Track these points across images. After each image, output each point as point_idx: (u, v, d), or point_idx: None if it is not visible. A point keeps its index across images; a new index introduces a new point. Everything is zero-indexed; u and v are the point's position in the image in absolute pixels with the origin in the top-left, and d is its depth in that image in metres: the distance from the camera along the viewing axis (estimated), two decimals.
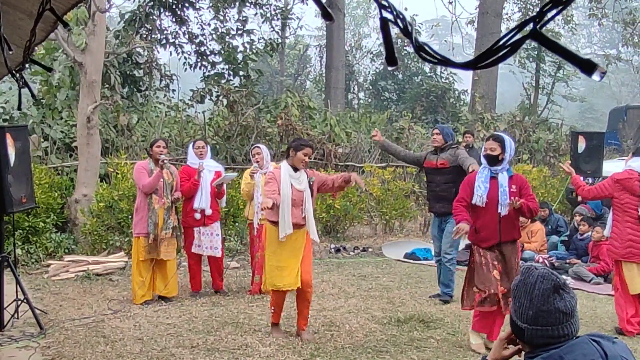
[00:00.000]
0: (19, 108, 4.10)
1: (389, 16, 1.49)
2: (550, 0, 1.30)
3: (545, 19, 1.34)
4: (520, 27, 1.38)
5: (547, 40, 1.35)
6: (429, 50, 1.47)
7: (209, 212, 8.86)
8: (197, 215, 8.84)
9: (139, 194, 8.54)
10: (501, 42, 1.40)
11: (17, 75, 3.03)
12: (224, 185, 9.15)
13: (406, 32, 1.47)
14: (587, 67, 1.32)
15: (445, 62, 1.51)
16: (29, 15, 3.09)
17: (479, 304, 6.64)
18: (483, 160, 6.93)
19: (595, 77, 1.35)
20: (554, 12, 1.33)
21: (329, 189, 7.37)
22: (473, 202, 6.78)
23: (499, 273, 6.64)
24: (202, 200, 8.82)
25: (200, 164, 8.83)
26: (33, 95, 3.90)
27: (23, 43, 3.47)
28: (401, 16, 1.49)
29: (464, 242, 10.97)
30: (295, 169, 7.07)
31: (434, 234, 9.13)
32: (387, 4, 1.46)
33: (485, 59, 1.41)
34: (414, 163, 9.56)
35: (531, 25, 1.38)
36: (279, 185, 6.94)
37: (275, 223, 6.95)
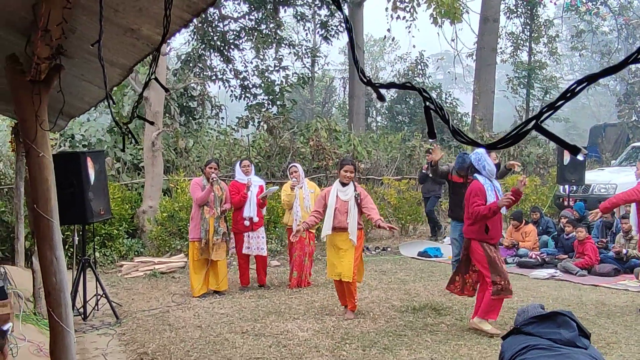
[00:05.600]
0: (123, 150, 4.23)
1: (431, 105, 1.67)
2: (546, 105, 1.50)
3: (543, 117, 1.51)
4: (526, 123, 1.55)
5: (545, 131, 1.52)
6: (462, 134, 1.68)
7: (256, 219, 8.97)
8: (247, 223, 8.94)
9: (194, 205, 8.64)
10: (513, 132, 1.59)
11: (124, 126, 3.11)
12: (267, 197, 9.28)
13: (444, 119, 1.64)
14: (574, 150, 1.51)
15: (473, 142, 1.74)
16: (110, 62, 3.18)
17: (495, 293, 6.50)
18: (494, 169, 6.83)
19: (580, 157, 1.58)
20: (549, 112, 1.51)
21: (368, 217, 7.56)
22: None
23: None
24: (251, 210, 8.93)
25: (248, 180, 8.94)
26: (137, 141, 4.00)
27: (102, 84, 3.57)
28: (440, 106, 1.67)
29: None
30: (343, 184, 7.43)
31: (454, 237, 8.74)
32: (428, 96, 1.63)
33: (500, 143, 1.61)
34: (442, 177, 9.21)
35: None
36: (326, 202, 7.44)
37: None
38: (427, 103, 1.64)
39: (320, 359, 5.84)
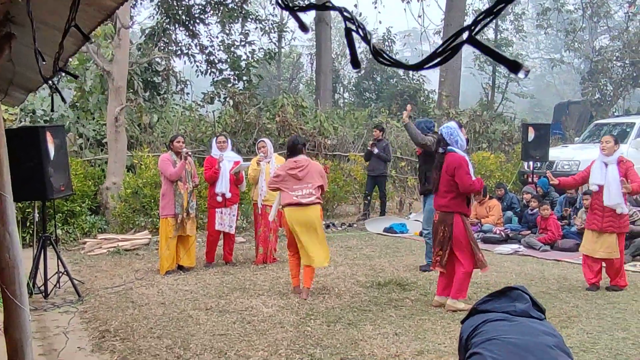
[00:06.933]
0: (52, 110, 4.10)
1: (352, 26, 1.49)
2: (483, 12, 1.32)
3: (479, 27, 1.34)
4: (457, 34, 1.39)
5: (480, 44, 1.36)
6: (385, 55, 1.48)
7: (228, 195, 8.88)
8: (219, 198, 8.85)
9: (165, 181, 8.45)
10: (442, 47, 1.41)
11: (50, 82, 3.00)
12: (242, 173, 9.15)
13: (366, 40, 1.46)
14: (514, 66, 1.33)
15: (397, 64, 1.51)
16: (59, 30, 3.05)
17: (482, 266, 6.64)
18: (465, 143, 6.75)
19: (521, 74, 1.35)
20: (486, 20, 1.34)
21: None
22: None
23: None
24: (223, 186, 8.84)
25: (220, 156, 8.83)
26: (63, 100, 3.87)
27: (54, 54, 3.44)
28: (362, 26, 1.49)
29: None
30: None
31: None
32: (350, 16, 1.46)
33: (430, 61, 1.41)
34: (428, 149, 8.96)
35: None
36: None
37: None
38: (348, 24, 1.51)
39: (284, 334, 5.83)
